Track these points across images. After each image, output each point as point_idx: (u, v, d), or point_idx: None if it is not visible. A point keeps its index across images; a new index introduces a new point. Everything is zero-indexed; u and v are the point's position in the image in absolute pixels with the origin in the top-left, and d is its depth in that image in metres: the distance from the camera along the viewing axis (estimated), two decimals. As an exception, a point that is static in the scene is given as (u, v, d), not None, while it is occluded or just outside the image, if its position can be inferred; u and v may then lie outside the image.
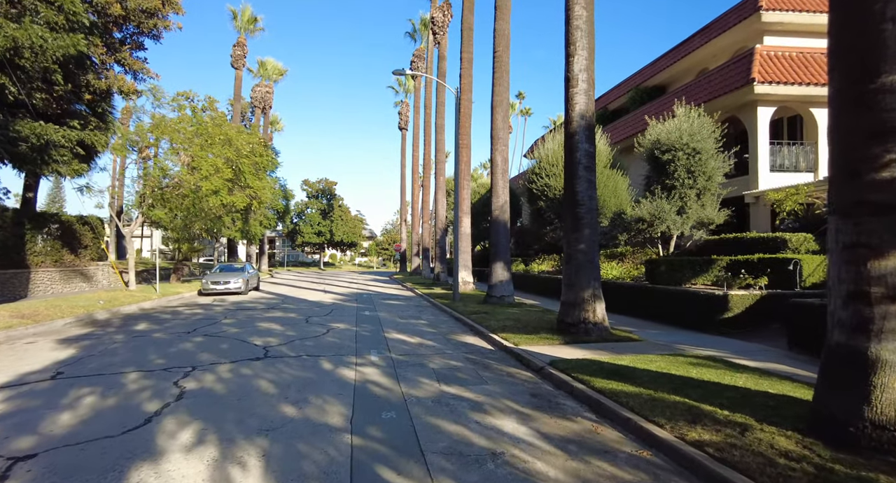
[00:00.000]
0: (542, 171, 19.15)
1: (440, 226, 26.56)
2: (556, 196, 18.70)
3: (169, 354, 7.82)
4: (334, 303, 16.82)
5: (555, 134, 20.19)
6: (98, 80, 16.52)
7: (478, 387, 6.15)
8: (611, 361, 6.92)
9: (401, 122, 47.04)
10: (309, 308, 15.02)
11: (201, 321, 11.88)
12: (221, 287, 19.75)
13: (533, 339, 8.79)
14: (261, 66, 41.15)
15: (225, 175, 16.02)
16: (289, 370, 6.83)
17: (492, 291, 14.80)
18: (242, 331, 10.34)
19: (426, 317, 13.31)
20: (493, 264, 14.83)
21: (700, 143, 13.14)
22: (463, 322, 11.89)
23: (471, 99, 20.31)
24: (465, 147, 20.15)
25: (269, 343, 8.90)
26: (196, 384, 6.04)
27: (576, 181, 9.37)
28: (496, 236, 14.85)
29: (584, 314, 9.09)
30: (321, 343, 8.96)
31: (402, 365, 7.29)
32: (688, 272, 11.39)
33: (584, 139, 9.41)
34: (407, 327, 11.21)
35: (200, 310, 14.51)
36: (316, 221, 66.07)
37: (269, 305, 15.82)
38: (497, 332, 9.66)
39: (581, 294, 9.13)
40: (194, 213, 17.77)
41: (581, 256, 9.21)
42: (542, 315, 12.01)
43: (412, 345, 9.00)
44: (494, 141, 14.94)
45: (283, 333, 10.02)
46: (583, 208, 9.29)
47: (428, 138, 33.23)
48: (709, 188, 13.53)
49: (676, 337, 9.31)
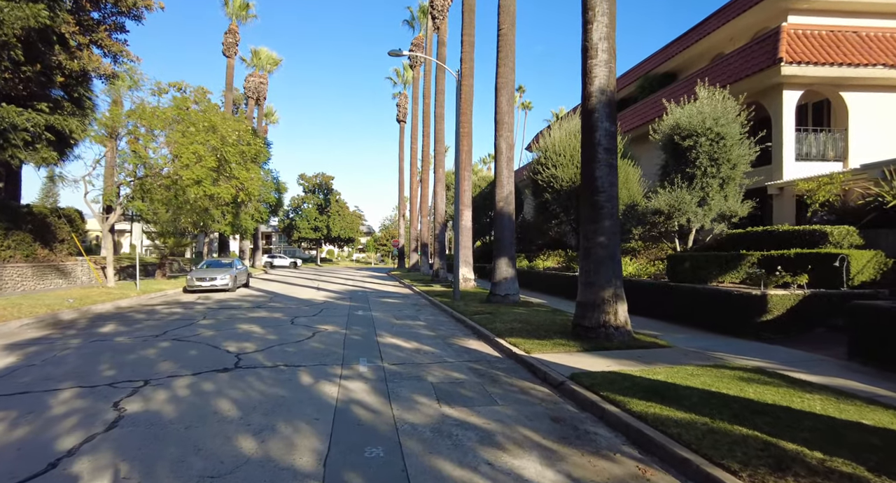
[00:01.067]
0: (548, 161, 18.01)
1: (439, 220, 25.43)
2: (562, 187, 17.57)
3: (124, 364, 6.69)
4: (326, 301, 15.70)
5: (561, 123, 19.03)
6: (71, 62, 15.30)
7: (486, 408, 5.04)
8: (644, 375, 5.81)
9: (399, 114, 45.77)
10: (297, 307, 13.89)
11: (176, 322, 10.75)
12: (207, 284, 18.63)
13: (546, 346, 7.68)
14: (254, 55, 39.83)
15: (208, 164, 14.85)
16: (259, 385, 5.71)
17: (495, 289, 13.68)
18: (218, 334, 9.22)
19: (424, 317, 12.20)
20: (496, 260, 13.71)
21: (724, 128, 12.00)
22: (465, 324, 10.78)
23: (472, 84, 19.14)
24: (467, 135, 18.98)
25: (245, 349, 7.77)
26: (140, 405, 4.91)
27: (595, 165, 8.24)
28: (500, 230, 13.72)
29: (605, 317, 7.98)
30: (304, 349, 7.83)
31: (395, 378, 6.17)
32: (714, 269, 10.28)
33: (605, 117, 8.27)
34: (403, 330, 10.10)
35: (180, 309, 13.38)
36: (312, 217, 64.84)
37: (256, 304, 14.69)
38: (504, 337, 8.55)
39: (601, 294, 8.02)
40: (177, 205, 16.59)
41: (601, 251, 8.09)
42: (552, 316, 10.90)
43: (408, 351, 7.88)
44: (499, 126, 13.79)
45: (262, 337, 8.90)
46: (602, 196, 8.16)
47: (427, 129, 32.03)
48: (733, 177, 12.41)
49: (708, 342, 8.20)
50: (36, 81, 14.84)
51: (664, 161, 14.41)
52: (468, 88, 18.89)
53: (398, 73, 46.86)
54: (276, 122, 50.63)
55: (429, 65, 31.66)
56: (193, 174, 14.48)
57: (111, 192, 15.68)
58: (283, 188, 30.33)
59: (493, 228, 14.06)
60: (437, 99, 24.89)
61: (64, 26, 14.63)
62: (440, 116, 24.86)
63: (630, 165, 17.84)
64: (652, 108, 19.48)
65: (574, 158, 17.51)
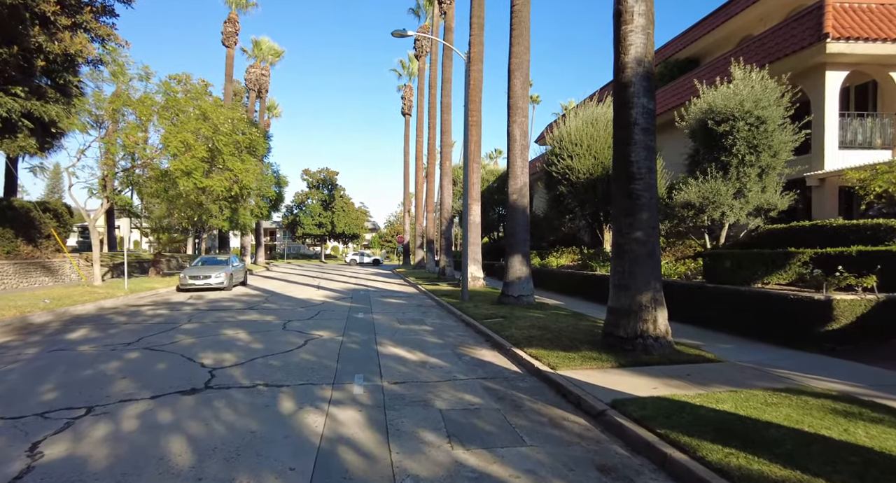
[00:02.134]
0: (563, 152, 16.80)
1: (446, 215, 24.27)
2: (579, 180, 16.36)
3: (73, 383, 5.62)
4: (325, 302, 14.62)
5: (577, 110, 17.79)
6: (52, 43, 14.25)
7: (511, 450, 3.92)
8: (705, 402, 4.66)
9: (404, 107, 44.60)
10: (293, 309, 12.82)
11: (156, 327, 9.70)
12: (201, 282, 17.61)
13: (574, 360, 6.53)
14: (255, 45, 38.74)
15: (198, 154, 13.78)
16: (228, 414, 4.62)
17: (508, 290, 12.53)
18: (198, 342, 8.14)
19: (430, 320, 11.09)
20: (509, 258, 12.55)
21: (765, 111, 10.76)
22: (476, 329, 9.65)
23: (481, 70, 17.92)
24: (476, 125, 17.79)
25: (222, 362, 6.69)
26: (66, 447, 3.83)
27: (630, 149, 7.05)
28: (514, 225, 12.55)
29: (643, 325, 6.81)
30: (291, 363, 6.73)
31: (396, 402, 5.06)
32: (759, 269, 9.07)
33: (642, 92, 7.08)
34: (406, 336, 8.98)
35: (166, 310, 12.34)
36: (317, 212, 63.92)
37: (249, 305, 13.63)
38: (523, 347, 7.41)
39: (638, 298, 6.85)
40: (168, 199, 15.56)
41: (637, 248, 6.92)
42: (574, 321, 9.73)
43: (412, 365, 6.76)
44: (512, 111, 12.59)
45: (246, 346, 7.81)
46: (639, 184, 6.98)
47: (433, 121, 30.81)
48: (773, 166, 11.17)
49: (762, 355, 7.02)
50: (13, 65, 13.81)
51: (692, 150, 13.19)
52: (477, 74, 17.68)
53: (403, 65, 45.63)
54: (279, 115, 49.66)
55: (435, 54, 30.45)
56: (182, 165, 13.42)
57: (98, 185, 14.67)
58: (283, 182, 29.27)
59: (506, 223, 12.90)
60: (444, 88, 23.69)
61: (43, 5, 13.57)
62: (447, 106, 23.67)
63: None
64: (673, 96, 18.20)
65: (592, 148, 16.31)
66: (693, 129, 12.55)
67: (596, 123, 16.62)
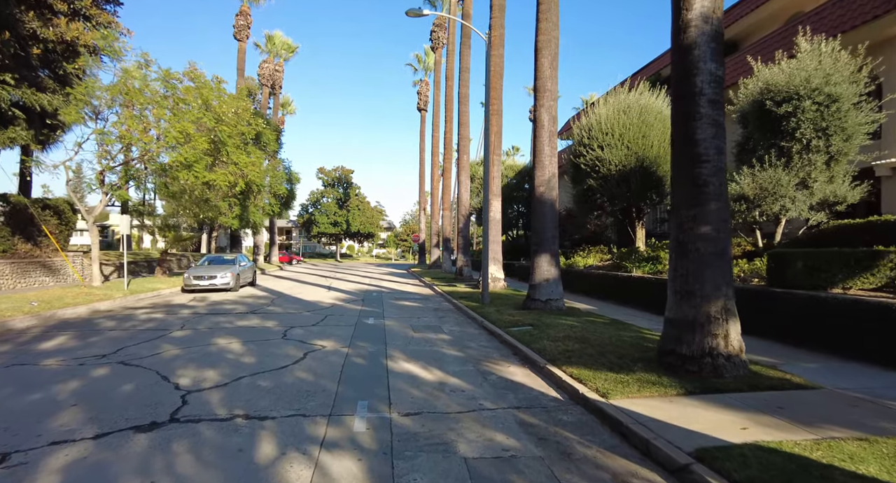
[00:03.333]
0: (593, 142, 15.43)
1: (463, 213, 23.04)
2: (610, 172, 14.97)
3: (8, 412, 4.58)
4: (334, 305, 13.54)
5: (607, 98, 16.38)
6: (46, 29, 13.44)
7: (572, 538, 2.69)
8: (835, 461, 3.37)
9: (420, 102, 43.50)
10: (298, 313, 11.75)
11: (143, 334, 8.70)
12: (206, 282, 16.73)
13: (627, 384, 5.27)
14: (268, 40, 38.02)
15: (199, 146, 12.83)
16: (184, 466, 3.48)
17: (534, 293, 11.26)
18: (182, 355, 7.09)
19: (449, 327, 9.89)
20: (535, 257, 11.28)
21: (837, 88, 9.29)
22: (501, 339, 8.42)
23: (502, 55, 16.64)
24: (497, 114, 16.53)
25: (202, 383, 5.59)
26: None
27: (695, 125, 5.75)
28: (541, 221, 11.28)
29: (712, 341, 5.51)
30: (283, 384, 5.60)
31: (407, 447, 3.88)
32: (838, 271, 7.65)
33: (710, 55, 5.77)
34: (421, 348, 7.80)
35: (161, 314, 11.39)
36: (332, 211, 63.33)
37: (252, 308, 12.62)
38: (560, 364, 6.17)
39: (706, 307, 5.55)
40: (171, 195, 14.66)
41: (705, 246, 5.62)
42: (615, 332, 8.43)
43: (428, 387, 5.58)
44: (539, 94, 11.31)
45: (236, 361, 6.72)
46: (707, 168, 5.68)
47: (450, 114, 29.64)
48: (845, 153, 9.70)
49: (867, 379, 5.64)
50: (7, 53, 13.02)
51: (742, 137, 11.75)
52: (498, 60, 16.41)
53: (419, 59, 44.53)
54: (294, 112, 48.96)
55: (452, 45, 29.22)
56: (182, 157, 12.47)
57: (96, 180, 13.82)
58: (295, 179, 28.37)
59: (532, 219, 11.63)
60: (462, 78, 22.44)
61: (34, -12, 12.75)
62: (465, 97, 22.42)
63: (690, 146, 15.13)
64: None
65: (624, 138, 14.91)
66: (744, 113, 11.12)
67: (629, 111, 15.22)
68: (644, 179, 14.56)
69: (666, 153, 14.59)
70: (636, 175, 14.55)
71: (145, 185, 14.43)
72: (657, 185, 14.65)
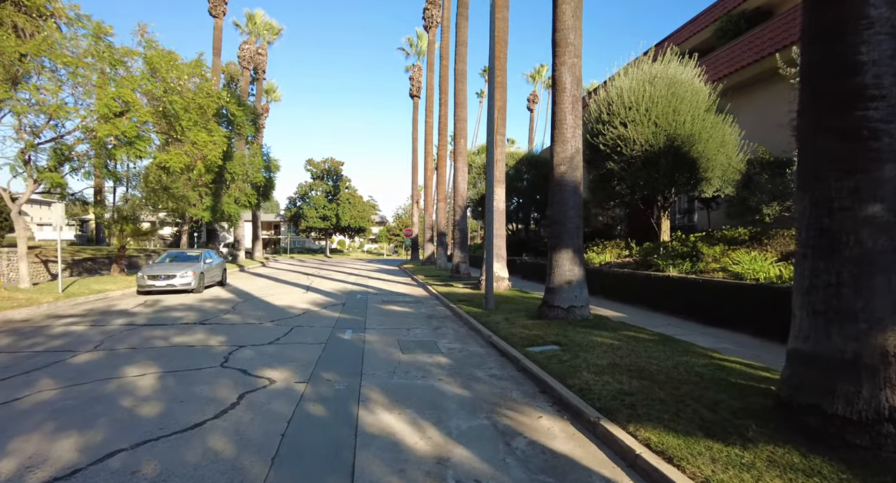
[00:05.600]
0: (614, 119, 13.21)
1: (461, 203, 20.76)
2: (634, 152, 12.77)
3: None
4: (307, 311, 11.26)
5: (627, 69, 14.13)
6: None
7: None
8: None
9: (412, 88, 41.05)
10: (258, 324, 9.46)
11: (26, 361, 6.39)
12: (162, 283, 14.38)
13: (755, 470, 3.06)
14: (249, 19, 35.33)
15: (141, 117, 10.47)
16: None
17: (553, 298, 9.04)
18: (52, 399, 4.80)
19: (447, 344, 7.66)
20: (554, 254, 9.06)
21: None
22: (519, 365, 6.19)
23: (507, 18, 14.35)
24: (500, 87, 14.29)
25: (29, 474, 3.31)
26: None
27: (858, 37, 3.54)
28: (561, 208, 9.04)
29: (891, 396, 3.32)
30: (176, 471, 3.33)
31: None
32: None
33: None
34: (411, 382, 5.55)
35: (85, 326, 9.05)
36: (321, 204, 60.79)
37: (205, 317, 10.31)
38: (623, 420, 3.98)
39: (879, 339, 3.37)
40: (118, 178, 12.25)
41: (874, 238, 3.47)
42: (676, 355, 6.21)
43: (419, 472, 3.34)
44: (560, 50, 9.03)
45: (128, 413, 4.43)
46: (879, 107, 3.49)
47: (444, 97, 27.25)
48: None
49: None
50: None
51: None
52: (503, 24, 14.13)
53: (411, 43, 42.04)
54: (279, 99, 46.31)
55: (447, 22, 26.83)
56: (117, 130, 10.10)
57: (19, 160, 11.39)
58: (275, 167, 25.88)
59: (550, 206, 9.39)
60: (459, 52, 20.09)
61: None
62: (462, 74, 20.08)
63: (726, 123, 12.97)
64: (747, 51, 14.50)
65: (651, 112, 12.70)
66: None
67: (655, 82, 13.00)
68: (676, 161, 12.37)
69: (700, 131, 12.41)
70: (666, 156, 12.36)
71: (74, 166, 11.86)
72: (691, 169, 12.47)
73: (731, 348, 6.86)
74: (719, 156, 12.45)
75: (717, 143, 12.51)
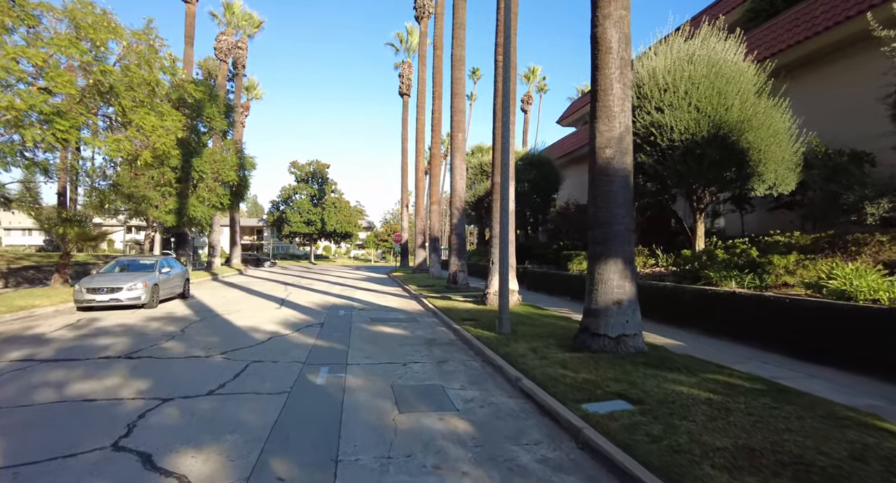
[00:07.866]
0: (646, 103, 11.18)
1: (458, 205, 18.54)
2: (673, 142, 10.71)
3: None
4: (274, 335, 8.92)
5: (657, 49, 12.11)
6: None
7: None
8: None
9: (402, 86, 38.89)
10: (205, 356, 7.12)
11: None
12: (104, 297, 11.95)
13: None
14: (227, 9, 32.89)
15: (60, 88, 8.13)
16: None
17: (598, 324, 6.84)
18: None
19: (461, 393, 5.41)
20: (598, 264, 6.90)
21: None
22: (580, 438, 3.97)
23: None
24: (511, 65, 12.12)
25: None
26: None
27: None
28: (607, 204, 6.89)
29: None
30: None
31: None
32: None
33: None
34: (416, 479, 3.31)
35: (-36, 362, 6.63)
36: (305, 208, 58.29)
37: (136, 346, 7.91)
38: None
39: None
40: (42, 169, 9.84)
41: None
42: (828, 424, 4.04)
43: None
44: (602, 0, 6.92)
45: None
46: None
47: (438, 90, 25.14)
48: None
49: None
50: None
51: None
52: (512, -8, 12.00)
53: (401, 39, 39.96)
54: (260, 97, 43.81)
55: (441, 7, 24.76)
56: (23, 105, 7.74)
57: None
58: (250, 165, 23.38)
59: (590, 202, 7.22)
60: (456, 36, 17.98)
61: None
62: (459, 60, 17.96)
63: (779, 109, 11.02)
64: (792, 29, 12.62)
65: (691, 95, 10.69)
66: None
67: (694, 61, 11.00)
68: (723, 153, 10.36)
69: (751, 117, 10.43)
70: (711, 146, 10.33)
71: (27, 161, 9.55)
72: (740, 162, 10.46)
73: (885, 407, 4.73)
74: (773, 147, 10.47)
75: (768, 133, 10.53)
